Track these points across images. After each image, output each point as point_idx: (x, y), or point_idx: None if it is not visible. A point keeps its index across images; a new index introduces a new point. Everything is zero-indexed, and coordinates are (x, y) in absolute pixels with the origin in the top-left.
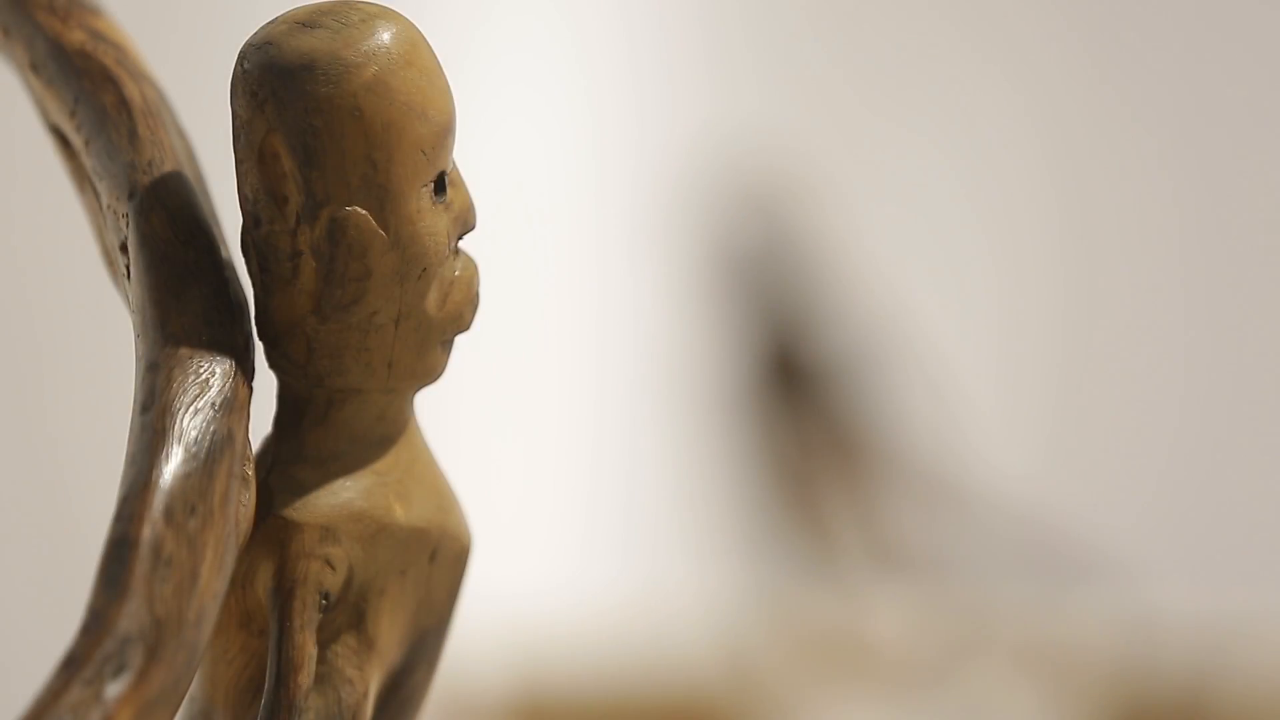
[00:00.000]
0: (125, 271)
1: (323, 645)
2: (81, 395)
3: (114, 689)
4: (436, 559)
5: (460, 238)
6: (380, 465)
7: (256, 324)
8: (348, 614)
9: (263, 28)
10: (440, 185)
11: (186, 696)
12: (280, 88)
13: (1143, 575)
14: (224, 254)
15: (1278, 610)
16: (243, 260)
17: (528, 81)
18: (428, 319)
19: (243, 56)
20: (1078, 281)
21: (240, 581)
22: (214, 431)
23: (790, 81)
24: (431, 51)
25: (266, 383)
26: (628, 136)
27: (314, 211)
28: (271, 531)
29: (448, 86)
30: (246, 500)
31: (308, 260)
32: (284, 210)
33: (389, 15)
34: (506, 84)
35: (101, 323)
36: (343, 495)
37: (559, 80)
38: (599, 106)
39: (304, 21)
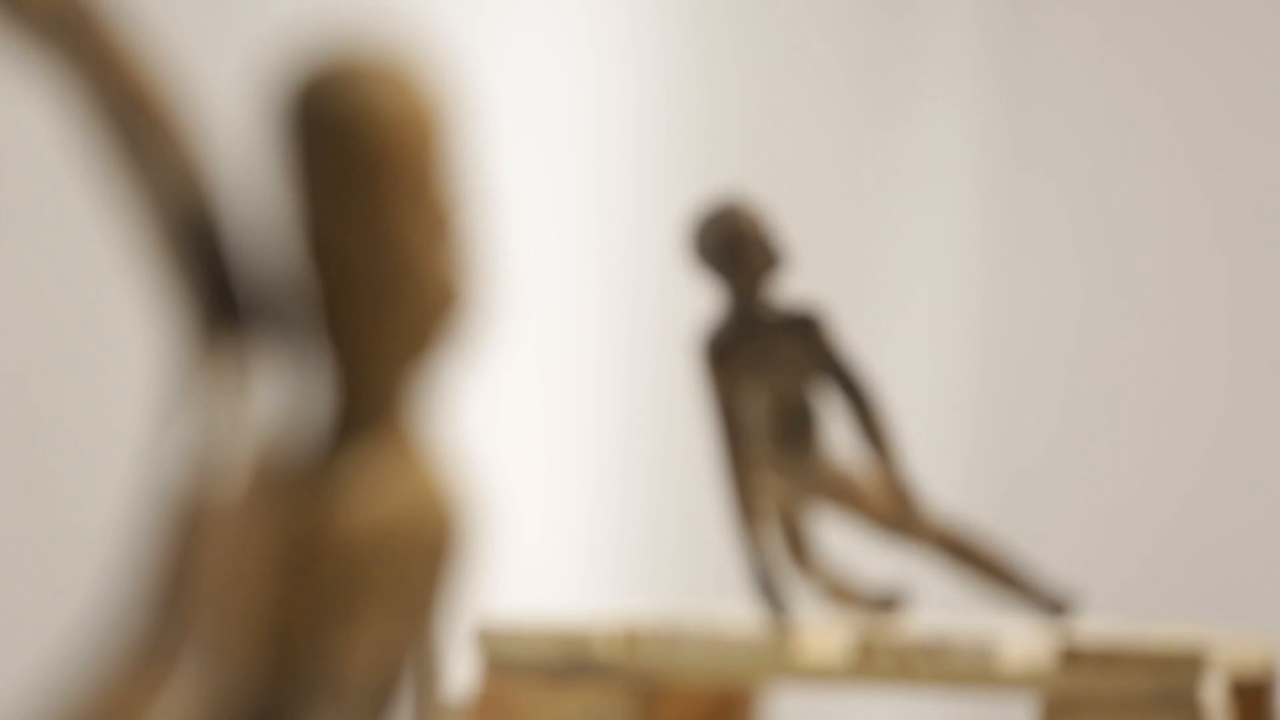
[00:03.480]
0: (162, 277)
1: (324, 628)
2: (84, 395)
3: (139, 682)
4: (437, 545)
5: (462, 239)
6: (386, 456)
7: (283, 325)
8: (348, 598)
9: (300, 75)
10: (445, 195)
11: (215, 684)
12: (315, 128)
13: (1078, 605)
14: (248, 261)
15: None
16: (271, 267)
17: (528, 78)
18: (433, 317)
19: (283, 102)
20: (1028, 314)
21: (255, 572)
22: (237, 429)
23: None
24: (441, 85)
25: (284, 382)
26: (629, 137)
27: (334, 222)
28: (280, 514)
29: (453, 110)
30: (262, 492)
31: (329, 263)
32: (316, 222)
33: (403, 65)
34: (507, 78)
35: (102, 324)
36: (348, 482)
37: (563, 81)
38: (603, 104)
39: (337, 70)
